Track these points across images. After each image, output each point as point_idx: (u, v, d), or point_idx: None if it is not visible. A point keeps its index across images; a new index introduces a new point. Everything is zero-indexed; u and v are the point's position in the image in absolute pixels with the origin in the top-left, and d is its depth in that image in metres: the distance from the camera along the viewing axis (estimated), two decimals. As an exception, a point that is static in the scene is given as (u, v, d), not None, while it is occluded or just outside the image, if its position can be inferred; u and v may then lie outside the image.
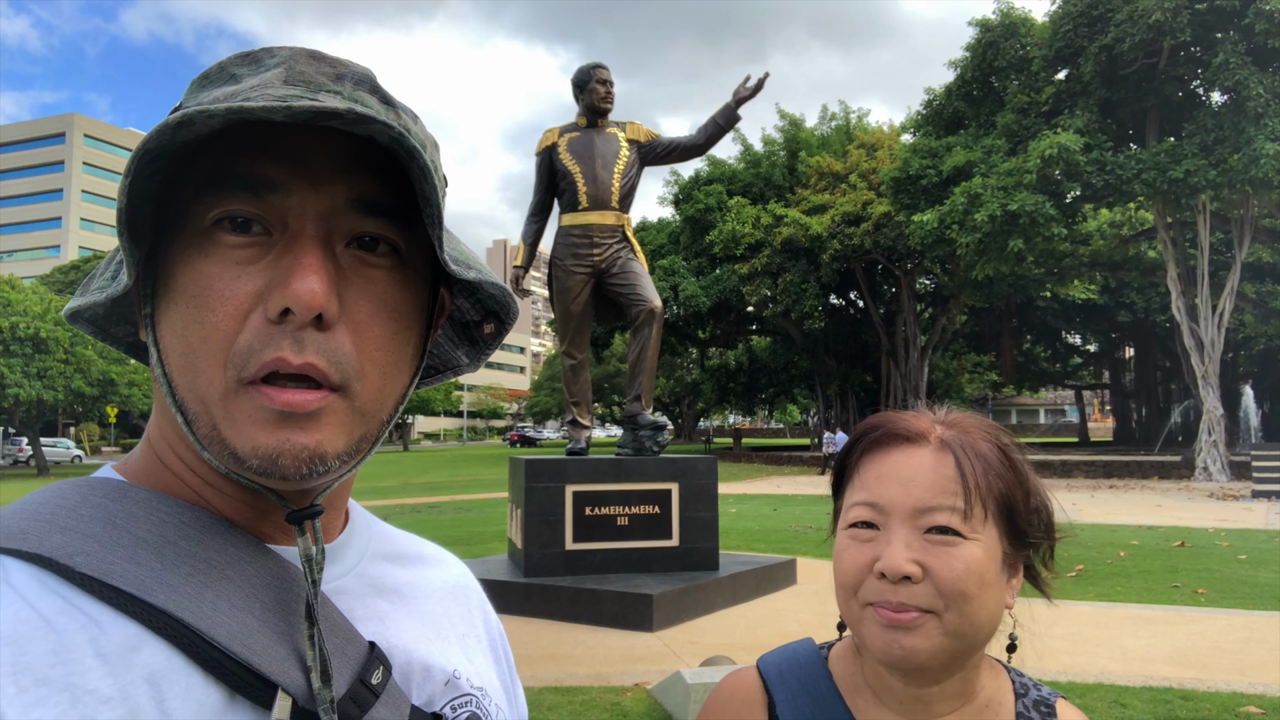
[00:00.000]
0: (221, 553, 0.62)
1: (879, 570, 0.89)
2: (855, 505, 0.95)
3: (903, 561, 0.88)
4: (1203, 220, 25.31)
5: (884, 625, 0.89)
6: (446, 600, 0.81)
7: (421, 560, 0.82)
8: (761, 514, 17.67)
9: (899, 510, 0.91)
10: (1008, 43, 28.15)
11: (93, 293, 0.66)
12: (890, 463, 0.94)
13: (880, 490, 0.93)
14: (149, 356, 0.65)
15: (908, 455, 0.94)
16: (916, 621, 0.88)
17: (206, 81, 0.64)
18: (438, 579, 0.81)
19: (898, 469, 0.93)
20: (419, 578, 0.79)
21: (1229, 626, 7.13)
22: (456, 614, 0.81)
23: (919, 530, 0.90)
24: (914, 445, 0.94)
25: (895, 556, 0.88)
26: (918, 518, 0.90)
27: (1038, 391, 69.44)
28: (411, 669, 0.70)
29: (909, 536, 0.89)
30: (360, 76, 0.64)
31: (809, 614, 7.74)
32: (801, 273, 36.96)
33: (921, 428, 0.95)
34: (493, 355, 0.85)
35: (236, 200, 0.60)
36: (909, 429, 0.95)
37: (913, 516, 0.90)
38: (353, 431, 0.63)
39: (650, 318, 8.40)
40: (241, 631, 0.58)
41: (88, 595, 0.55)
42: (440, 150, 0.69)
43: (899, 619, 0.88)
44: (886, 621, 0.89)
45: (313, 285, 0.58)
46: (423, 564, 0.81)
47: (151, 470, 0.66)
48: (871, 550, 0.91)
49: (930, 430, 0.95)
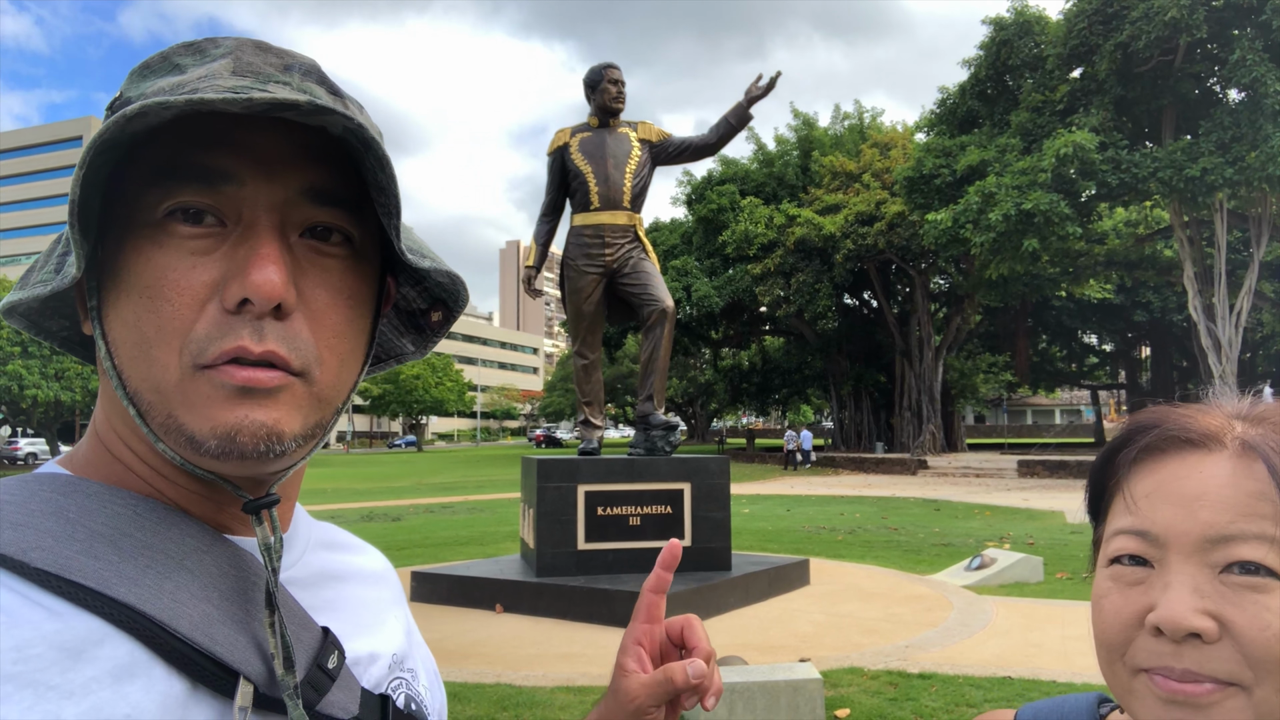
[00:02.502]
0: (178, 543, 0.61)
1: (1153, 624, 0.65)
2: (1119, 534, 0.71)
3: (1187, 612, 0.64)
4: (1220, 218, 25.09)
5: (1163, 700, 0.65)
6: (379, 586, 0.82)
7: (351, 548, 0.83)
8: (775, 514, 17.63)
9: (1181, 540, 0.67)
10: (1022, 41, 28.01)
11: (34, 286, 0.64)
12: (1168, 475, 0.70)
13: (1153, 513, 0.69)
14: (95, 350, 0.64)
15: (1193, 464, 0.69)
16: (1211, 697, 0.64)
17: (148, 71, 0.64)
18: (368, 565, 0.82)
19: (1179, 484, 0.69)
20: (354, 564, 0.80)
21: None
22: (387, 599, 0.82)
23: (1212, 568, 0.65)
24: (1202, 450, 0.69)
25: (1176, 605, 0.64)
26: (1210, 551, 0.65)
27: (1053, 392, 69.07)
28: (359, 653, 0.72)
29: (1197, 577, 0.65)
30: (308, 67, 0.64)
31: (822, 615, 7.72)
32: (815, 273, 36.85)
33: (1212, 426, 0.70)
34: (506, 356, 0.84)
35: (190, 191, 0.60)
36: (1193, 428, 0.70)
37: (1202, 549, 0.66)
38: (309, 416, 0.63)
39: (662, 318, 8.39)
40: (203, 622, 0.58)
41: (46, 591, 0.54)
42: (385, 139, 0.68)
43: (1185, 692, 0.64)
44: (1166, 694, 0.65)
45: (271, 275, 0.58)
46: (353, 551, 0.82)
47: (101, 463, 0.66)
48: (1143, 596, 0.67)
49: (1226, 429, 0.70)
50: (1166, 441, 0.71)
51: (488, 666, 6.17)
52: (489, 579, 8.08)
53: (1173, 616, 0.64)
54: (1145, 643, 0.66)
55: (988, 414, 79.33)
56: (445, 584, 8.30)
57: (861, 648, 6.76)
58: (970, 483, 28.59)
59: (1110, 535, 0.72)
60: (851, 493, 24.41)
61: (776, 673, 4.84)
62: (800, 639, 6.98)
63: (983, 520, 16.77)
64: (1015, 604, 8.34)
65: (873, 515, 17.77)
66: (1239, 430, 0.70)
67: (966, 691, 5.57)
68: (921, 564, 11.20)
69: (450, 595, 8.21)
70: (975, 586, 9.32)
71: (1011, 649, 6.70)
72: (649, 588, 0.77)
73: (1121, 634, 0.68)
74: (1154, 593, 0.67)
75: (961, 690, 5.60)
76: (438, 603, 8.19)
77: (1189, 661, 0.64)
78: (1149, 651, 0.66)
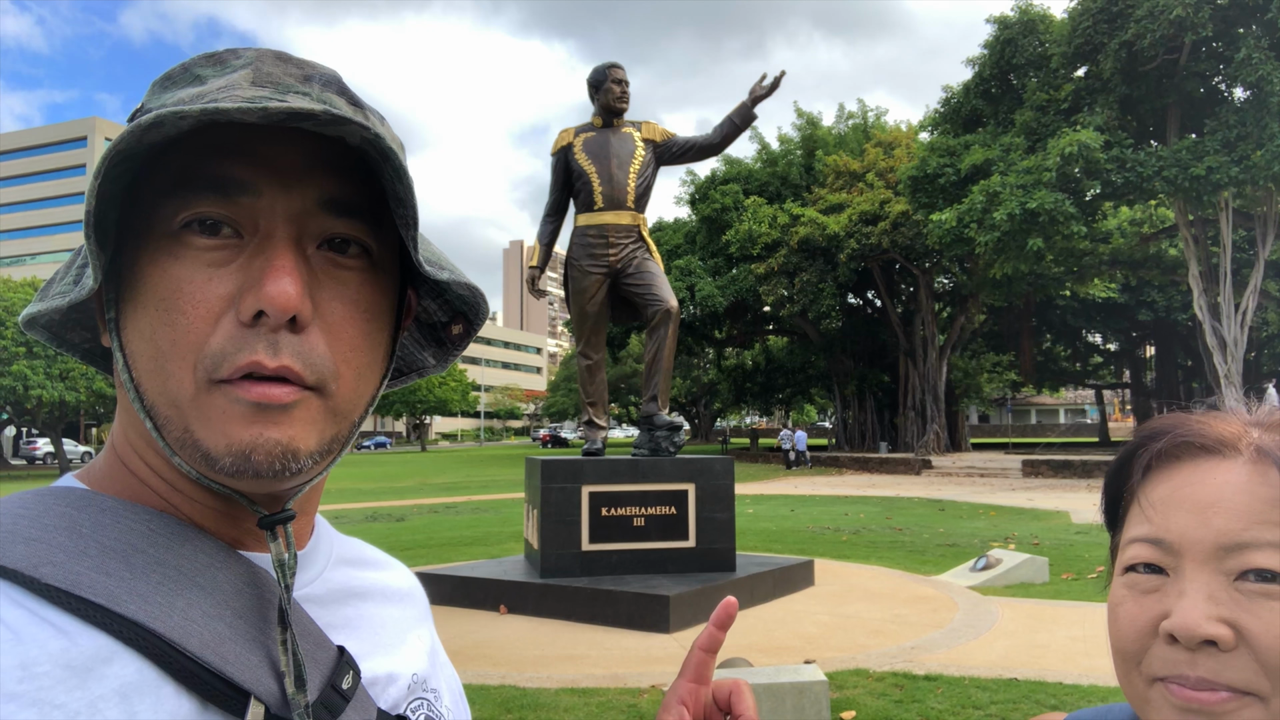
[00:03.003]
0: (191, 560, 0.61)
1: (1167, 631, 0.65)
2: (1134, 542, 0.71)
3: (1201, 619, 0.64)
4: (1225, 217, 25.02)
5: (1179, 708, 0.65)
6: (403, 604, 0.81)
7: (376, 564, 0.81)
8: (779, 514, 17.62)
9: (1195, 548, 0.67)
10: (1026, 40, 27.97)
11: (53, 298, 0.64)
12: (1182, 481, 0.70)
13: (1167, 520, 0.69)
14: (113, 362, 0.64)
15: (1207, 471, 0.69)
16: (1227, 705, 0.63)
17: (169, 82, 0.63)
18: (392, 583, 0.81)
19: (1193, 490, 0.69)
20: (378, 582, 0.79)
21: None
22: (411, 618, 0.81)
23: (1227, 576, 0.66)
24: (1217, 457, 0.69)
25: (1191, 612, 0.64)
26: (1224, 558, 0.65)
27: (1058, 391, 68.97)
28: (376, 673, 0.70)
29: (1212, 584, 0.65)
30: (328, 78, 0.64)
31: (827, 616, 7.70)
32: (818, 272, 36.81)
33: (1228, 432, 0.70)
34: (510, 356, 0.83)
35: (206, 202, 0.59)
36: (1208, 434, 0.70)
37: (1216, 556, 0.66)
38: (325, 431, 0.62)
39: (666, 318, 8.38)
40: (213, 640, 0.58)
41: (55, 607, 0.54)
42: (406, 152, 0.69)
43: (1201, 700, 0.64)
44: (1182, 703, 0.64)
45: (286, 287, 0.58)
46: (378, 568, 0.81)
47: (117, 477, 0.65)
48: (1158, 604, 0.67)
49: (1241, 435, 0.70)
50: (1180, 448, 0.71)
51: (492, 668, 6.16)
52: (493, 580, 8.08)
53: (1186, 624, 0.64)
54: (1160, 651, 0.66)
55: (992, 413, 79.22)
56: (449, 585, 8.30)
57: (867, 649, 6.74)
58: (975, 483, 28.54)
59: (1126, 543, 0.72)
60: (856, 493, 24.39)
61: (782, 675, 4.83)
62: (805, 640, 6.96)
63: (987, 520, 16.74)
64: (1021, 605, 8.31)
65: (877, 515, 17.75)
66: (1255, 437, 0.69)
67: (972, 693, 5.55)
68: (926, 565, 11.17)
69: (454, 596, 8.20)
70: (980, 587, 9.30)
71: (1017, 650, 6.67)
72: (700, 645, 0.72)
73: (1137, 642, 0.68)
74: (1169, 600, 0.66)
75: (967, 692, 5.59)
76: (441, 604, 8.19)
77: (1204, 670, 0.64)
78: (1164, 660, 0.66)
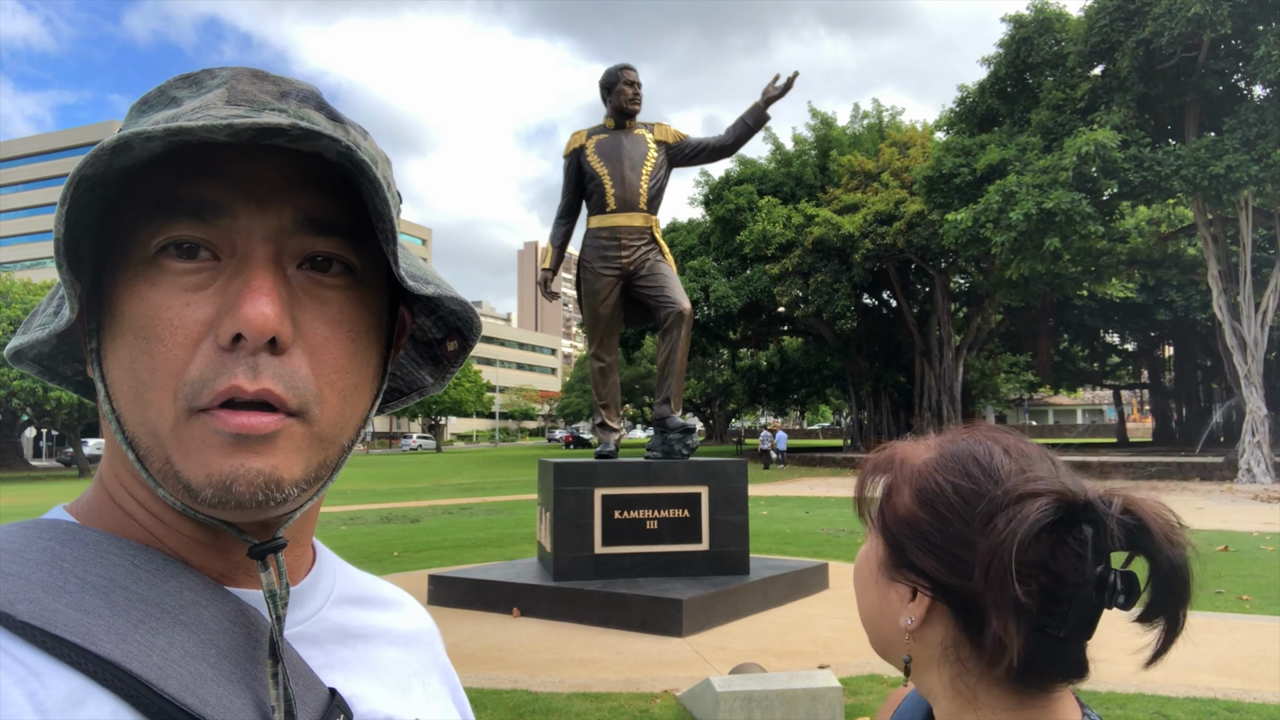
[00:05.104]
0: (175, 596, 0.59)
1: None
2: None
3: None
4: (1245, 216, 24.77)
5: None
6: (409, 648, 0.78)
7: (384, 604, 0.79)
8: (793, 516, 17.54)
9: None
10: (1042, 38, 27.78)
11: (35, 330, 0.63)
12: None
13: None
14: (96, 393, 0.62)
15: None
16: None
17: (146, 106, 0.62)
18: (400, 624, 0.78)
19: None
20: (382, 622, 0.76)
21: (1275, 634, 6.94)
22: (419, 661, 0.78)
23: None
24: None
25: None
26: None
27: (1075, 391, 68.44)
28: (374, 717, 0.68)
29: None
30: (305, 94, 0.62)
31: (841, 619, 7.64)
32: (833, 273, 36.69)
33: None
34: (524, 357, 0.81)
35: (181, 225, 0.58)
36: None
37: None
38: (311, 458, 0.60)
39: (679, 320, 8.35)
40: (193, 681, 0.56)
41: (29, 646, 0.52)
42: (392, 166, 0.67)
43: None
44: None
45: (263, 308, 0.56)
46: (386, 608, 0.79)
47: (104, 510, 0.64)
48: None
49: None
50: None
51: (504, 671, 6.14)
52: (506, 583, 8.07)
53: None
54: None
55: (1009, 414, 78.72)
56: (462, 587, 8.30)
57: (881, 653, 6.68)
58: (991, 484, 28.30)
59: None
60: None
61: (795, 680, 4.79)
62: (819, 645, 6.91)
63: (1004, 522, 16.60)
64: (1037, 609, 8.22)
65: (892, 517, 17.61)
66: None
67: (988, 699, 5.49)
68: (942, 567, 11.08)
69: (467, 599, 8.20)
70: (997, 591, 9.21)
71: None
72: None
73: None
74: None
75: (983, 698, 5.52)
76: (455, 606, 8.19)
77: None
78: None
